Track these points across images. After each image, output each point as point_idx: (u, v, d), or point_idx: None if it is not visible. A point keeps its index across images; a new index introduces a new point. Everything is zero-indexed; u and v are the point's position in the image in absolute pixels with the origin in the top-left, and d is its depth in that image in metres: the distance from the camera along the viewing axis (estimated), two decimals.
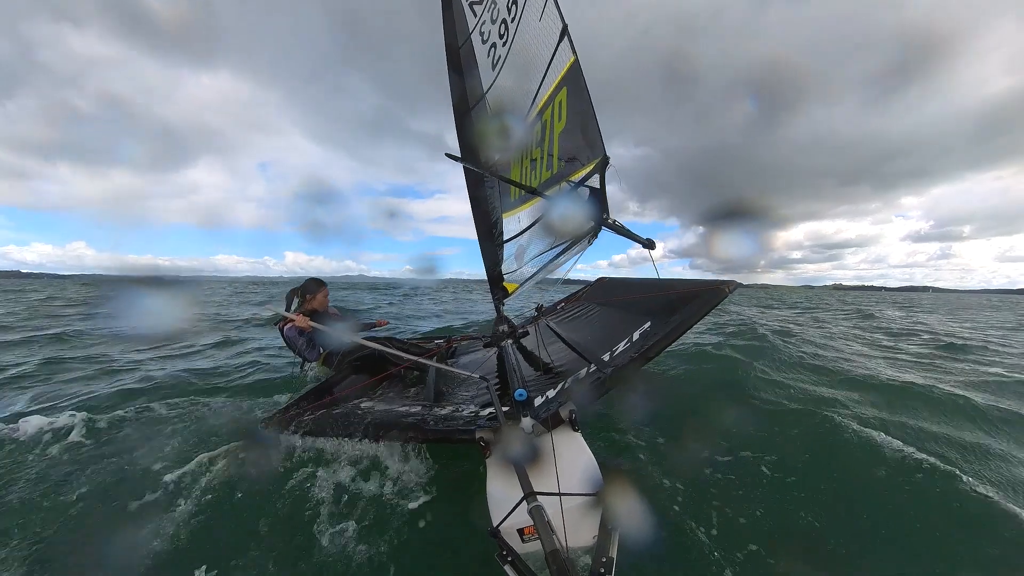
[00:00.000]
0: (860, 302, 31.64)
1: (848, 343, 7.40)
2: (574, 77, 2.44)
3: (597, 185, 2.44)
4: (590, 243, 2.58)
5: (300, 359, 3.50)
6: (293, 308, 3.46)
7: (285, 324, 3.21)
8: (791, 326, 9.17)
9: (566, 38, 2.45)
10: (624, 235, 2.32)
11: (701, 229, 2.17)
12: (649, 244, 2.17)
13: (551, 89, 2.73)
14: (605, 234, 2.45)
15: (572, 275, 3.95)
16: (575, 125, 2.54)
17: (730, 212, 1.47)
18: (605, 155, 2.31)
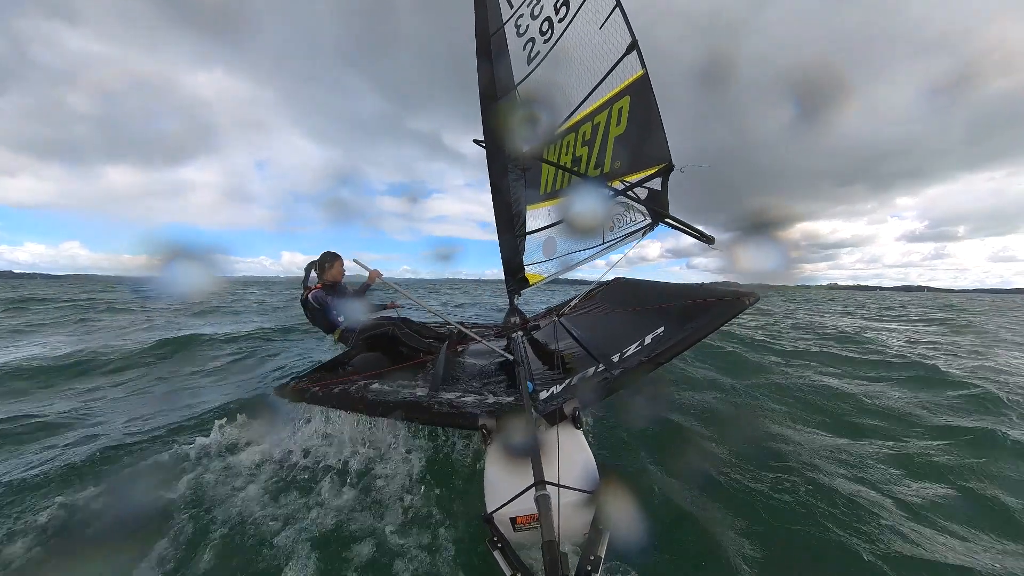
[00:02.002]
0: (895, 304, 28.60)
1: None
2: (641, 89, 2.74)
3: (657, 187, 2.81)
4: (644, 235, 2.96)
5: (322, 329, 3.64)
6: (313, 279, 3.60)
7: (309, 293, 3.37)
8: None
9: (635, 52, 2.72)
10: (683, 230, 2.74)
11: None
12: (709, 240, 2.62)
13: (609, 95, 2.99)
14: None
15: (572, 275, 4.28)
16: (635, 132, 2.85)
17: (754, 225, 1.46)
18: (671, 162, 2.67)
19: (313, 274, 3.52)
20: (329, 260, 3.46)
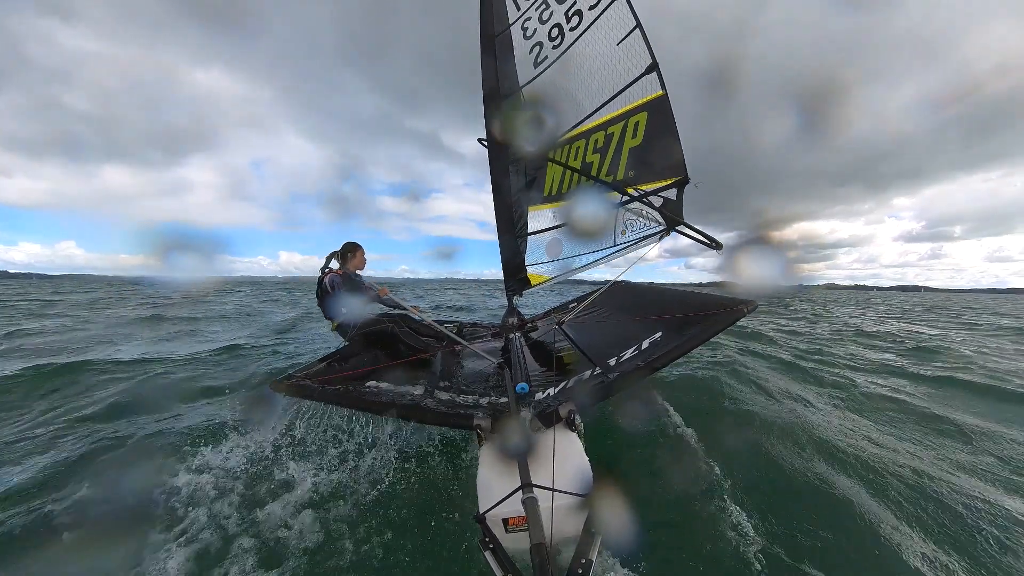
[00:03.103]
0: (910, 305, 28.09)
1: None
2: (660, 108, 3.00)
3: (672, 196, 3.14)
4: (660, 239, 3.29)
5: (324, 314, 3.56)
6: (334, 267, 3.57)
7: (327, 276, 3.35)
8: None
9: (654, 73, 2.97)
10: (693, 237, 3.12)
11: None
12: (717, 245, 3.03)
13: (625, 108, 3.21)
14: None
15: (576, 276, 4.51)
16: (652, 146, 3.13)
17: (753, 230, 1.48)
18: (686, 176, 3.01)
19: (335, 263, 3.47)
20: (351, 249, 3.44)
